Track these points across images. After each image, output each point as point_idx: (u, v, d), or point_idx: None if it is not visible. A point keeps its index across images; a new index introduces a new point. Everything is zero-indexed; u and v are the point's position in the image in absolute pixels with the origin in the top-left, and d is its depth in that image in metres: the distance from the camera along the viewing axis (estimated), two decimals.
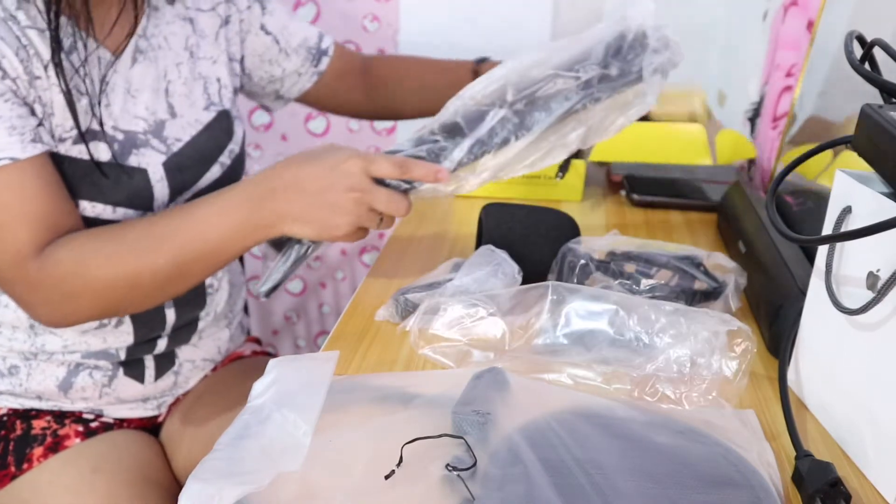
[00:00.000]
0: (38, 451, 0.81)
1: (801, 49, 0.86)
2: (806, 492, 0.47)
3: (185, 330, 0.88)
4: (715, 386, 0.57)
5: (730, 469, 0.48)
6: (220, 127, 0.85)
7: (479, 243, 0.77)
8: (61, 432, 0.83)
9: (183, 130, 0.81)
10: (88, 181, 0.73)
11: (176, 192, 0.80)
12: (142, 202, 0.77)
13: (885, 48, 0.50)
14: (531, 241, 0.74)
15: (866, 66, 0.52)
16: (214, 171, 0.83)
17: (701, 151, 1.00)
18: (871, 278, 0.48)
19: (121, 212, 0.76)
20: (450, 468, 0.46)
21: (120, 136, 0.76)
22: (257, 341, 1.07)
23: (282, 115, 1.56)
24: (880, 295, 0.46)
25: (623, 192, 1.04)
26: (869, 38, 0.52)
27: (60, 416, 0.84)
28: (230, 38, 0.88)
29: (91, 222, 0.74)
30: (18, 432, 0.82)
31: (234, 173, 0.87)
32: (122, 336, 0.83)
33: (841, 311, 0.51)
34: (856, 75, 0.51)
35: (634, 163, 1.10)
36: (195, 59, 0.84)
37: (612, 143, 1.01)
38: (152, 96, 0.79)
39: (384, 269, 0.80)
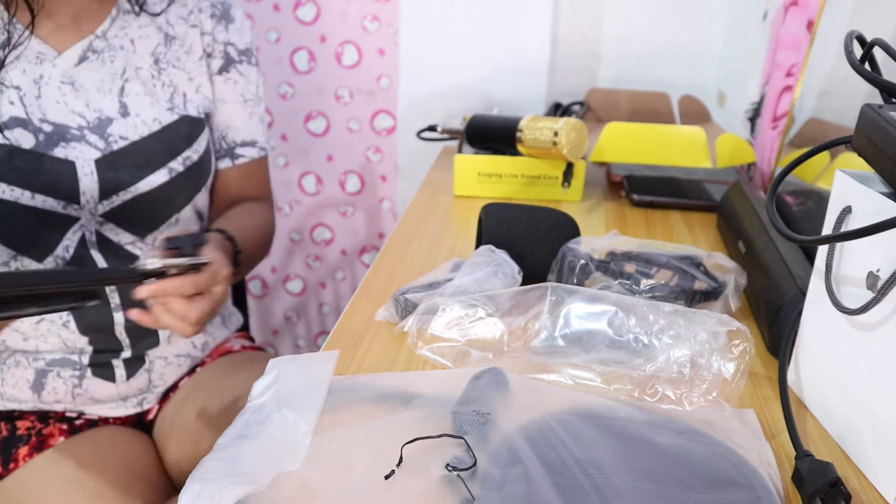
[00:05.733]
0: (23, 450, 0.81)
1: (801, 49, 0.86)
2: (806, 492, 0.47)
3: (147, 339, 0.89)
4: (715, 386, 0.57)
5: (730, 469, 0.48)
6: (180, 132, 0.86)
7: (479, 243, 0.77)
8: (45, 431, 0.83)
9: (134, 130, 0.82)
10: (7, 165, 0.76)
11: (109, 190, 0.81)
12: (65, 193, 0.79)
13: (885, 48, 0.50)
14: (531, 241, 0.74)
15: (866, 66, 0.52)
16: (160, 176, 0.84)
17: (701, 155, 1.00)
18: (871, 278, 0.48)
19: (39, 199, 0.78)
20: (450, 468, 0.46)
21: (48, 128, 0.78)
22: (249, 338, 1.06)
23: (282, 115, 1.56)
24: (880, 295, 0.46)
25: (623, 192, 1.04)
26: (869, 38, 0.52)
27: (44, 416, 0.85)
28: (211, 70, 0.92)
29: (8, 205, 0.76)
30: (4, 433, 0.83)
31: (186, 183, 0.87)
32: (75, 337, 0.84)
33: (841, 311, 0.51)
34: (856, 75, 0.51)
35: (634, 163, 1.10)
36: (161, 67, 0.86)
37: (612, 146, 1.02)
38: (100, 94, 0.81)
39: (384, 269, 0.80)
